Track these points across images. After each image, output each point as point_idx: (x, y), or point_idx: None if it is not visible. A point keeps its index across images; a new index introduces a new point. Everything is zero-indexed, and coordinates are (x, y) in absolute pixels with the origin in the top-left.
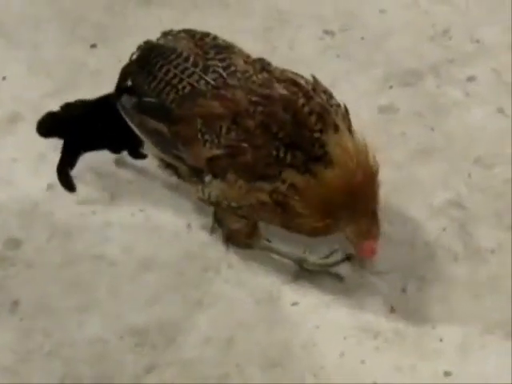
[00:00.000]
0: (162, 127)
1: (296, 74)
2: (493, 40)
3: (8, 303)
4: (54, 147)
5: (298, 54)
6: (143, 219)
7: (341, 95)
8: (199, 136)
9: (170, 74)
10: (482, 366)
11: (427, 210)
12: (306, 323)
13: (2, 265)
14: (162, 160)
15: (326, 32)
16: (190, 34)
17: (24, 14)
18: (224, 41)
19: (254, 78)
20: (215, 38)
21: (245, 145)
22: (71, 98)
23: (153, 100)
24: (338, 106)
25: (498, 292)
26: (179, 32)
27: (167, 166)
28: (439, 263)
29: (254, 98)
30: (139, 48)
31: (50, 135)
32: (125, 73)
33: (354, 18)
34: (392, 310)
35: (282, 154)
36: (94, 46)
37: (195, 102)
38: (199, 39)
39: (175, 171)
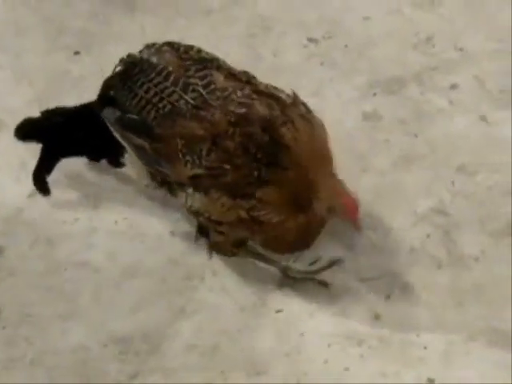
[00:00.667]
0: (144, 143)
1: (277, 88)
2: (476, 48)
3: None
4: (36, 155)
5: (282, 62)
6: (127, 226)
7: (325, 103)
8: (180, 156)
9: (151, 93)
10: (466, 373)
11: (411, 217)
12: (291, 331)
13: None
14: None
15: (310, 40)
16: (174, 47)
17: (7, 20)
18: (208, 53)
19: (234, 96)
20: (199, 50)
21: (226, 166)
22: (54, 105)
23: (134, 117)
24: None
25: (482, 299)
26: (162, 45)
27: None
28: (423, 270)
29: (233, 119)
30: (121, 61)
31: (28, 139)
32: (107, 85)
33: (337, 25)
34: (376, 317)
35: (262, 173)
36: (77, 53)
37: (175, 122)
38: (184, 52)
39: (165, 186)
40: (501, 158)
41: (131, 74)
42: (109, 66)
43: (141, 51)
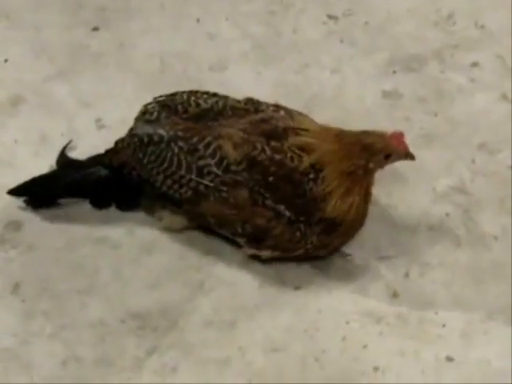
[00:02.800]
0: (178, 210)
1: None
2: (497, 25)
3: (9, 285)
4: (55, 130)
5: (302, 39)
6: None
7: (344, 80)
8: (216, 228)
9: (169, 182)
10: (484, 352)
11: (431, 195)
12: (309, 308)
13: (3, 247)
14: None
15: (330, 16)
16: (171, 108)
17: None
18: (206, 99)
19: (244, 165)
20: (197, 104)
21: (263, 236)
22: (73, 80)
23: (161, 191)
24: None
25: (501, 278)
26: (160, 112)
27: None
28: (442, 249)
29: (255, 195)
30: (129, 143)
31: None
32: (121, 161)
33: (357, 2)
34: (395, 295)
35: (302, 228)
36: (95, 29)
37: (201, 205)
38: (183, 112)
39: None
40: None
41: (143, 161)
42: (127, 42)
43: (144, 119)
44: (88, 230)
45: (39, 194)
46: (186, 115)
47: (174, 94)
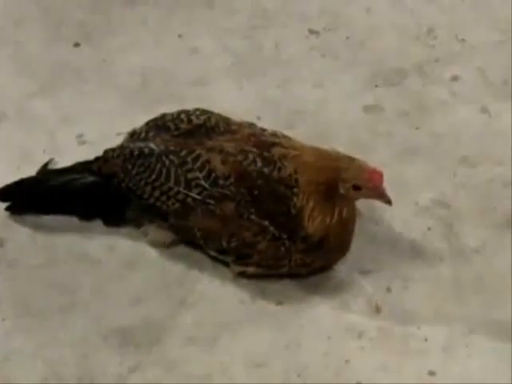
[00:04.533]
0: (163, 224)
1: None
2: (478, 39)
3: None
4: (36, 146)
5: (283, 53)
6: None
7: (326, 94)
8: (201, 242)
9: (157, 192)
10: (466, 366)
11: (412, 209)
12: (291, 323)
13: None
14: None
15: (311, 31)
16: (160, 127)
17: (7, 11)
18: (199, 116)
19: (232, 180)
20: (190, 120)
21: (249, 251)
22: (55, 96)
23: (147, 202)
24: None
25: (483, 291)
26: (147, 132)
27: None
28: (424, 262)
29: (242, 209)
30: (119, 155)
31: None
32: (110, 170)
33: (339, 17)
34: (377, 309)
35: (287, 244)
36: (77, 44)
37: (188, 218)
38: (174, 129)
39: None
40: (503, 150)
41: (132, 172)
42: (109, 58)
43: (134, 137)
44: (69, 247)
45: (23, 197)
46: (177, 132)
47: (163, 115)
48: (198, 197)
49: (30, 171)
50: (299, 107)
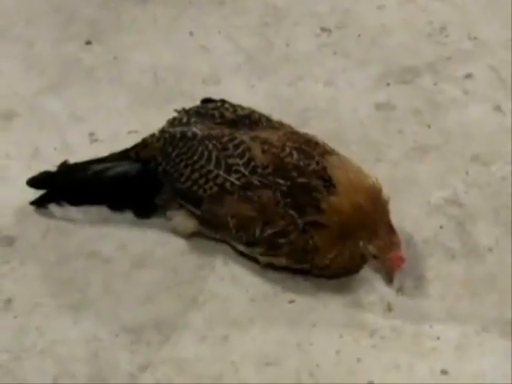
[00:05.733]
0: (196, 210)
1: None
2: (490, 37)
3: (2, 301)
4: (48, 144)
5: (295, 51)
6: None
7: (337, 92)
8: (233, 231)
9: (196, 175)
10: (479, 365)
11: (424, 207)
12: (302, 321)
13: None
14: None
15: (323, 29)
16: (202, 115)
17: (19, 9)
18: (242, 109)
19: (270, 170)
20: (235, 110)
21: (281, 241)
22: (66, 94)
23: (183, 186)
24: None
25: (496, 290)
26: (189, 118)
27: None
28: (436, 261)
29: (280, 197)
30: (160, 138)
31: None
32: (148, 155)
33: (350, 15)
34: (389, 308)
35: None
36: (88, 42)
37: (224, 203)
38: (219, 116)
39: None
40: None
41: (172, 155)
42: (120, 55)
43: (175, 123)
44: (80, 245)
45: (56, 186)
46: (221, 119)
47: (205, 103)
48: (237, 182)
49: (41, 169)
50: (311, 105)
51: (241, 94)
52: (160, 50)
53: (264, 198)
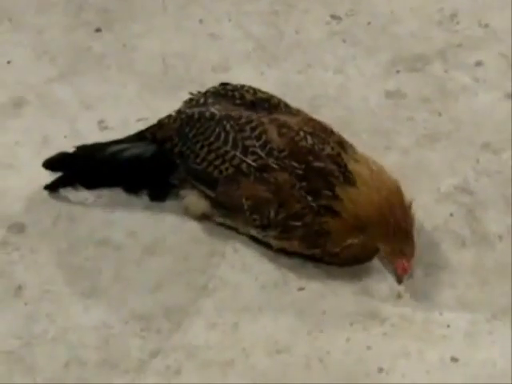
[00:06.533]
0: (210, 193)
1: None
2: (501, 24)
3: (12, 288)
4: (58, 132)
5: (305, 39)
6: (148, 203)
7: (347, 80)
8: (247, 214)
9: (212, 155)
10: (489, 353)
11: (434, 195)
12: (312, 309)
13: (6, 249)
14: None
15: (333, 17)
16: (220, 95)
17: None
18: (263, 92)
19: (285, 153)
20: (255, 92)
21: (296, 223)
22: (76, 82)
23: (199, 167)
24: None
25: (506, 278)
26: (206, 98)
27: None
28: (447, 249)
29: (298, 185)
30: (176, 119)
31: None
32: (164, 135)
33: (360, 2)
34: (399, 295)
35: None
36: (98, 30)
37: (240, 184)
38: (239, 97)
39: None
40: None
41: (189, 135)
42: (130, 43)
43: (192, 104)
44: (90, 232)
45: (75, 167)
46: (240, 101)
47: (224, 85)
48: (254, 163)
49: None
50: (321, 93)
51: (250, 81)
52: (169, 37)
53: (280, 180)
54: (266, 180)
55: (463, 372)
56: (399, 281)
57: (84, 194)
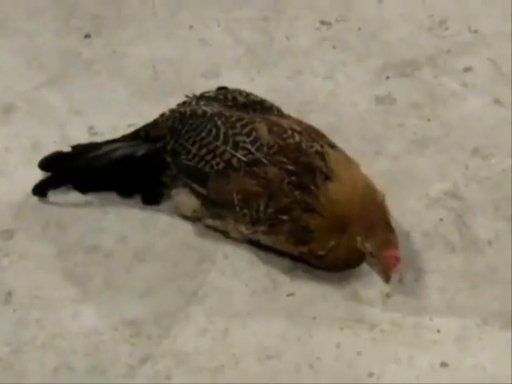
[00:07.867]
0: (201, 190)
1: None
2: (490, 30)
3: (2, 294)
4: (47, 137)
5: (295, 45)
6: (139, 209)
7: (337, 86)
8: (237, 209)
9: (203, 151)
10: (479, 357)
11: (424, 200)
12: (302, 314)
13: None
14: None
15: (323, 22)
16: (211, 99)
17: (19, 2)
18: (256, 96)
19: (275, 149)
20: (248, 95)
21: (284, 217)
22: (65, 88)
23: (190, 163)
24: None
25: (496, 283)
26: (198, 101)
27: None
28: (436, 254)
29: (286, 175)
30: (169, 117)
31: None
32: (158, 133)
33: (350, 8)
34: (389, 300)
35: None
36: (87, 36)
37: (230, 179)
38: (231, 100)
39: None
40: None
41: (181, 132)
42: (120, 48)
43: (185, 104)
44: (80, 238)
45: (69, 167)
46: (232, 103)
47: (217, 90)
48: (244, 158)
49: None
50: (310, 98)
51: (240, 87)
52: (159, 43)
53: (269, 174)
54: (256, 174)
55: (453, 377)
56: (388, 278)
57: (74, 200)
